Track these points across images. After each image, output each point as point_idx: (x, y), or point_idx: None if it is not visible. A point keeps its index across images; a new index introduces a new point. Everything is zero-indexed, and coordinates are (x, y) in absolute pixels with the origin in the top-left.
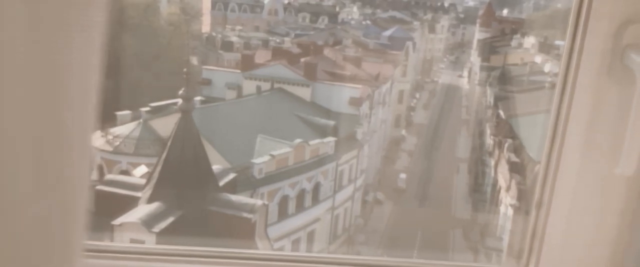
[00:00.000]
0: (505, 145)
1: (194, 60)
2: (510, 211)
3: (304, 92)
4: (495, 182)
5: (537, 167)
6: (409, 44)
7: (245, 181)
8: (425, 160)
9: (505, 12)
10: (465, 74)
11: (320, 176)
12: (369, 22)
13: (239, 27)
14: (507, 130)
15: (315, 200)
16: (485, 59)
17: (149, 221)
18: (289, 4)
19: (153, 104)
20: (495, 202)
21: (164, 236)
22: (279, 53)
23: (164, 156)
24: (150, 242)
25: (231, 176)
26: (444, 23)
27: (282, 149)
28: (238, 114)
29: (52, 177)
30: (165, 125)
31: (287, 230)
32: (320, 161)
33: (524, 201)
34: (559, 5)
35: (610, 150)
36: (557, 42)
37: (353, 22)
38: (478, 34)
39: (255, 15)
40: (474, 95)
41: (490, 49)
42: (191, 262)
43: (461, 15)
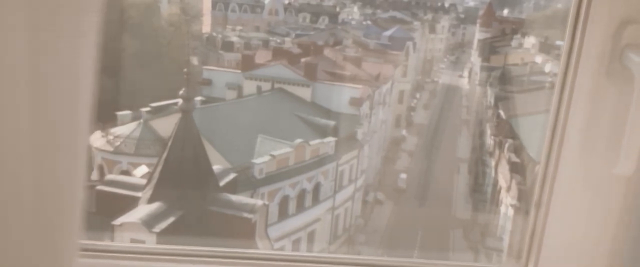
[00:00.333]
0: (506, 145)
1: (195, 60)
2: (510, 211)
3: (304, 93)
4: (495, 182)
5: (538, 167)
6: (410, 44)
7: (246, 181)
8: (426, 160)
9: (505, 12)
10: (465, 74)
11: (320, 176)
12: (369, 22)
13: (239, 27)
14: (508, 131)
15: (316, 200)
16: (485, 59)
17: (149, 221)
18: (289, 4)
19: (153, 104)
20: (495, 202)
21: (165, 236)
22: (279, 53)
23: (164, 156)
24: (150, 242)
25: (231, 176)
26: (444, 23)
27: (283, 149)
28: (238, 114)
29: (47, 178)
30: (165, 126)
31: (288, 230)
32: (321, 161)
33: (524, 201)
34: (559, 5)
35: (609, 150)
36: (558, 42)
37: (353, 22)
38: (478, 34)
39: (256, 16)
40: (474, 95)
41: (490, 49)
42: (192, 262)
43: (461, 16)
